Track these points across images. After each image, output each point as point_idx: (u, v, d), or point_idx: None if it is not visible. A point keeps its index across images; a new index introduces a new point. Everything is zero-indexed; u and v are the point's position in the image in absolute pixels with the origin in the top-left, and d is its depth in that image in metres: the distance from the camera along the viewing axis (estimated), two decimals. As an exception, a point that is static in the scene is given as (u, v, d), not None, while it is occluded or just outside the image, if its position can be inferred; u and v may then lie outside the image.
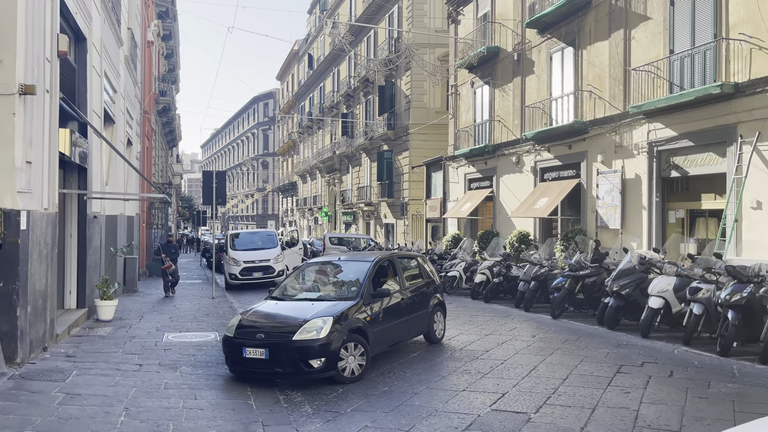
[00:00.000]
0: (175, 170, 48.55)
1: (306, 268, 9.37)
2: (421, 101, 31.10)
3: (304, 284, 9.02)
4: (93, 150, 12.30)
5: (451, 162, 26.55)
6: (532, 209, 19.55)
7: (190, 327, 11.44)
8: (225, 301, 15.89)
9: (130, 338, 10.16)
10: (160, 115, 31.22)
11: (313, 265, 9.42)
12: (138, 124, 21.27)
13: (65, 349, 9.05)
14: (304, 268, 9.39)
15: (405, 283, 9.18)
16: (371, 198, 36.44)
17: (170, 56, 35.77)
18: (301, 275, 9.27)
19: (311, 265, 9.43)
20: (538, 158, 20.66)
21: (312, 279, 9.08)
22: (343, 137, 41.06)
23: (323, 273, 9.12)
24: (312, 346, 7.32)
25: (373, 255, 9.23)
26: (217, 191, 16.26)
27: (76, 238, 11.66)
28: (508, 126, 22.50)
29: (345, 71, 41.55)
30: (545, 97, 20.13)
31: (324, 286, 8.89)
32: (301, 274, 9.30)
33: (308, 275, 9.23)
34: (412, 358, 8.83)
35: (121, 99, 16.80)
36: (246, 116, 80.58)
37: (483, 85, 24.29)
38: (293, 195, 59.85)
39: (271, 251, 20.26)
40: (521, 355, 8.88)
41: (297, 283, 9.09)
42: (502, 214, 22.85)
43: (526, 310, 13.72)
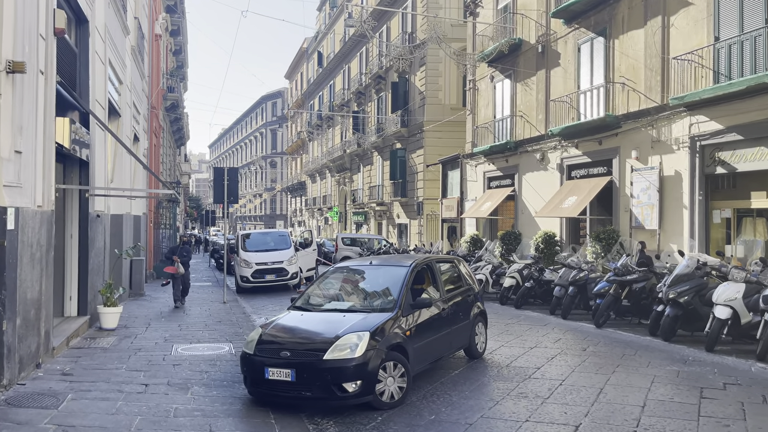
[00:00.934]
0: (183, 169, 47.56)
1: (332, 274, 8.20)
2: (436, 97, 29.96)
3: (331, 293, 7.86)
4: (96, 143, 11.22)
5: (469, 160, 25.39)
6: (560, 209, 18.37)
7: (202, 337, 10.34)
8: (237, 306, 14.80)
9: (136, 351, 9.06)
10: (168, 112, 30.19)
11: (340, 271, 8.24)
12: (145, 119, 20.23)
13: (62, 365, 7.96)
14: (329, 274, 8.22)
15: (444, 291, 8.04)
16: (383, 198, 35.31)
17: (178, 53, 34.77)
18: (327, 282, 8.10)
19: (338, 270, 8.26)
20: (565, 155, 19.48)
21: (340, 287, 7.92)
22: (354, 135, 39.95)
23: (353, 280, 7.96)
24: (346, 367, 6.19)
25: (408, 259, 8.10)
26: (229, 189, 15.16)
27: (77, 239, 10.58)
28: (531, 121, 21.33)
29: (356, 68, 40.44)
30: (572, 91, 18.94)
31: (355, 295, 7.73)
32: (327, 280, 8.14)
33: (335, 282, 8.06)
34: (455, 377, 7.69)
35: (128, 91, 15.74)
36: (254, 115, 79.57)
37: (504, 80, 23.11)
38: (302, 195, 58.78)
39: (285, 252, 19.15)
40: (579, 374, 7.72)
41: (323, 291, 7.93)
42: (524, 214, 21.68)
43: (563, 317, 12.56)
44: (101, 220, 11.76)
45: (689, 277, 9.88)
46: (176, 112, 30.83)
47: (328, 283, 8.07)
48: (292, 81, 62.77)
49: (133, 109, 16.86)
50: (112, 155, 14.65)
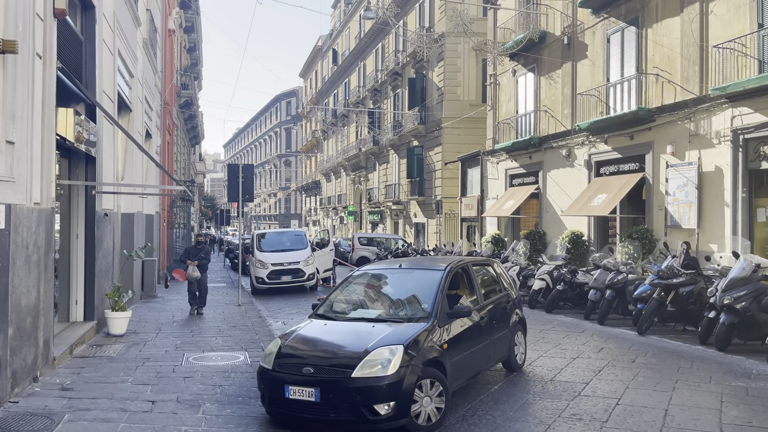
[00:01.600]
0: (198, 169, 47.06)
1: (357, 279, 7.35)
2: (454, 93, 29.07)
3: (357, 299, 7.03)
4: (103, 137, 10.52)
5: (490, 157, 24.48)
6: (588, 207, 17.44)
7: (215, 344, 9.58)
8: (252, 309, 14.06)
9: (144, 360, 8.32)
10: (183, 110, 29.58)
11: (366, 275, 7.39)
12: (158, 115, 19.57)
13: (62, 377, 7.23)
14: (354, 278, 7.37)
15: (482, 297, 7.20)
16: (400, 196, 34.48)
17: (192, 50, 34.18)
18: (352, 287, 7.26)
19: (364, 274, 7.41)
20: (593, 151, 18.53)
21: (366, 293, 7.09)
22: (369, 134, 39.16)
23: (381, 285, 7.13)
24: (378, 386, 5.39)
25: (440, 261, 7.27)
26: (244, 186, 14.42)
27: (84, 240, 9.88)
28: (556, 116, 20.39)
29: (371, 65, 39.64)
30: (601, 84, 17.99)
31: (384, 302, 6.89)
32: (351, 285, 7.30)
33: (361, 288, 7.20)
34: (495, 394, 6.86)
35: (139, 86, 15.06)
36: (269, 115, 79.07)
37: (526, 73, 22.19)
38: (317, 194, 58.12)
39: (301, 253, 18.38)
40: (636, 391, 6.85)
41: (348, 297, 7.11)
42: (549, 213, 20.75)
43: (600, 323, 11.66)
44: (109, 219, 11.06)
45: (746, 281, 8.96)
46: (190, 109, 30.21)
47: (353, 288, 7.23)
48: (307, 79, 62.12)
49: (145, 104, 16.19)
50: (122, 152, 13.97)
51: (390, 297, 6.90)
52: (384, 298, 6.91)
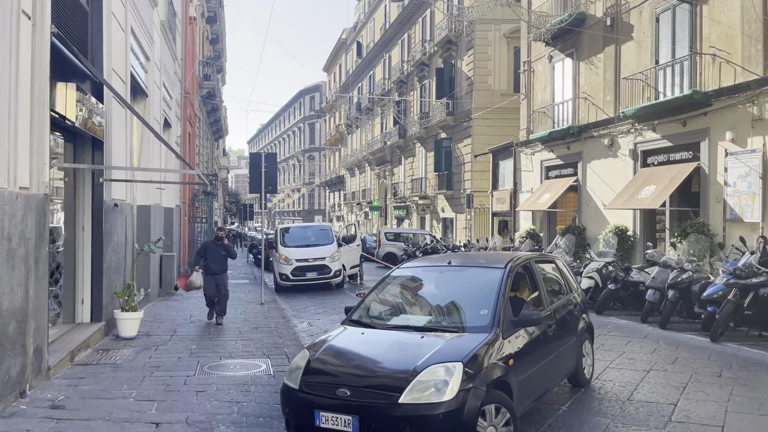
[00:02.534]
0: (222, 164, 46.36)
1: (398, 278, 6.12)
2: (485, 83, 27.72)
3: (398, 302, 5.83)
4: (113, 120, 9.51)
5: (524, 148, 23.12)
6: (635, 200, 16.03)
7: (234, 350, 8.51)
8: (276, 308, 13.00)
9: (153, 369, 7.27)
10: (205, 101, 28.72)
11: (408, 273, 6.16)
12: (178, 105, 18.63)
13: (56, 391, 6.20)
14: (394, 277, 6.16)
15: (548, 301, 5.98)
16: (427, 191, 33.25)
17: (215, 42, 33.32)
18: (392, 288, 6.05)
19: (406, 272, 6.16)
20: (639, 139, 17.10)
21: (410, 295, 5.90)
22: (395, 126, 37.96)
23: (427, 286, 5.91)
24: (432, 415, 4.22)
25: (499, 258, 6.06)
26: (267, 177, 13.36)
27: (90, 232, 8.88)
28: (597, 104, 18.98)
29: (397, 56, 38.40)
30: (648, 67, 16.55)
31: (432, 307, 5.66)
32: (391, 285, 6.08)
33: (404, 288, 5.98)
34: (565, 417, 5.65)
35: (156, 70, 14.08)
36: (292, 110, 78.33)
37: (564, 59, 20.78)
38: (340, 189, 57.12)
39: (327, 248, 17.29)
40: (739, 416, 5.59)
41: (388, 299, 5.92)
42: (589, 206, 19.36)
43: (662, 327, 10.34)
44: (121, 211, 10.07)
45: None
46: (213, 101, 29.34)
47: (394, 289, 6.03)
48: (331, 73, 61.10)
49: (163, 90, 15.22)
50: (137, 141, 13.01)
51: (440, 301, 5.67)
52: (432, 303, 5.69)
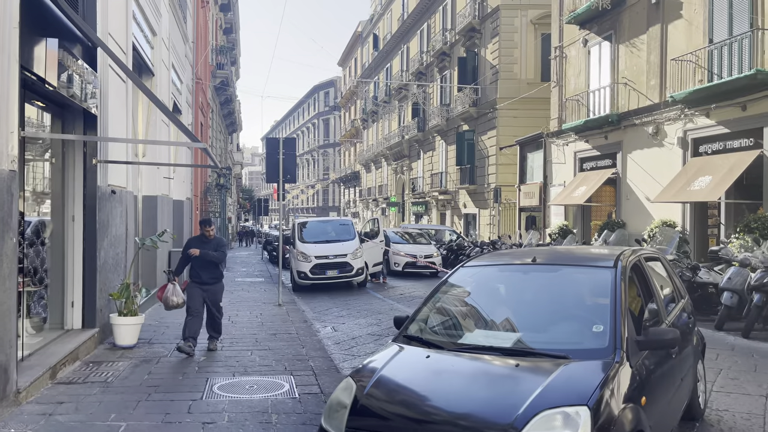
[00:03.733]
0: (236, 159, 45.14)
1: (464, 279, 4.57)
2: (510, 71, 26.11)
3: (469, 313, 4.35)
4: (110, 93, 8.12)
5: (555, 139, 21.54)
6: (687, 192, 14.44)
7: (250, 363, 7.08)
8: (296, 310, 11.58)
9: (151, 390, 5.86)
10: (218, 92, 27.39)
11: (478, 274, 4.64)
12: (189, 91, 17.28)
13: (21, 424, 4.78)
14: (460, 278, 4.61)
15: (664, 311, 4.47)
16: (447, 185, 31.71)
17: (229, 32, 32.03)
18: (456, 293, 4.53)
19: (474, 272, 4.64)
20: (690, 126, 15.49)
21: (484, 302, 4.38)
22: (413, 120, 36.43)
23: (507, 291, 4.41)
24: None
25: (599, 253, 4.57)
26: (285, 164, 11.94)
27: (82, 223, 7.51)
28: (639, 89, 17.37)
29: (416, 47, 36.86)
30: (700, 46, 14.93)
31: (517, 319, 4.10)
32: (455, 290, 4.56)
33: (475, 295, 4.48)
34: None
35: (164, 48, 12.72)
36: (306, 106, 77.03)
37: (601, 42, 19.17)
38: (356, 185, 55.69)
39: (348, 244, 15.85)
40: None
41: (453, 307, 4.42)
42: (630, 200, 17.76)
43: (745, 336, 8.79)
44: (120, 199, 8.69)
45: None
46: (226, 92, 28.02)
47: (461, 294, 4.52)
48: (346, 68, 59.63)
49: (172, 72, 13.86)
50: (143, 124, 11.66)
51: (529, 312, 4.15)
52: (519, 314, 4.15)
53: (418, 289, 15.80)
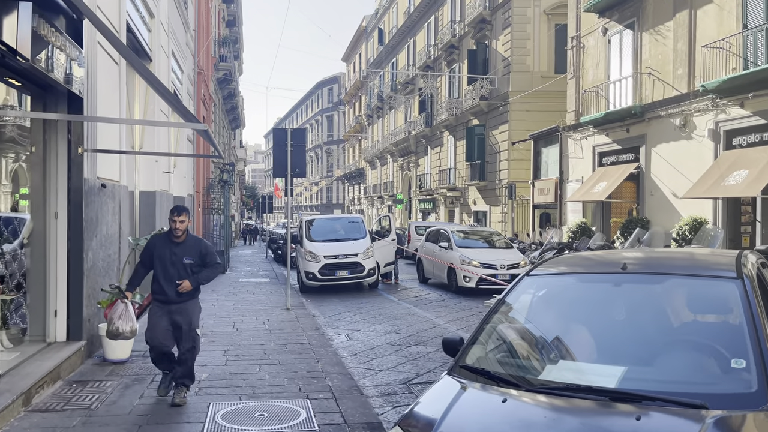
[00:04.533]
0: (239, 156, 44.16)
1: (533, 294, 3.55)
2: (523, 63, 25.09)
3: (547, 337, 3.31)
4: (99, 74, 7.15)
5: (572, 132, 20.53)
6: (722, 187, 13.44)
7: (259, 382, 6.11)
8: (305, 315, 10.61)
9: (142, 420, 4.88)
10: (221, 86, 26.41)
11: (550, 287, 3.61)
12: (191, 81, 16.30)
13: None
14: (527, 293, 3.58)
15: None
16: (456, 182, 30.72)
17: (232, 24, 31.05)
18: (527, 311, 3.51)
19: (545, 285, 3.54)
20: (722, 117, 14.48)
21: (564, 322, 3.34)
22: (420, 115, 35.42)
23: (594, 308, 3.40)
24: None
25: (708, 258, 3.59)
26: (294, 158, 10.96)
27: (66, 221, 6.54)
28: (665, 79, 16.35)
29: (423, 41, 35.82)
30: (733, 32, 13.92)
31: (616, 347, 3.01)
32: (525, 307, 3.53)
33: (549, 311, 3.43)
34: None
35: (163, 33, 11.74)
36: (310, 103, 76.02)
37: (622, 31, 18.16)
38: (360, 182, 54.69)
39: (359, 243, 14.87)
40: None
41: (523, 328, 3.39)
42: (654, 196, 16.75)
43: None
44: (112, 194, 7.72)
45: None
46: (229, 85, 27.04)
47: (529, 312, 3.50)
48: (350, 63, 58.57)
49: (171, 59, 12.88)
50: (140, 113, 10.69)
51: (629, 337, 3.15)
52: (615, 340, 3.14)
53: (433, 290, 14.82)
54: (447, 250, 14.87)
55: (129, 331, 5.68)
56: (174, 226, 5.41)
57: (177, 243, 5.47)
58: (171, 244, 5.48)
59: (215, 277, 5.77)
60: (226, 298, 12.73)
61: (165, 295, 5.44)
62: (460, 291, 13.81)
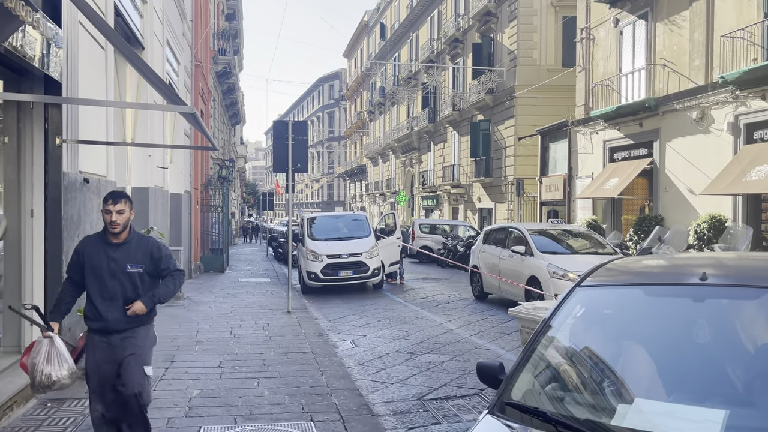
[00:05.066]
0: (239, 152, 43.51)
1: (589, 310, 2.85)
2: (530, 57, 24.39)
3: (612, 366, 2.64)
4: (80, 57, 6.48)
5: (582, 127, 19.84)
6: (743, 183, 12.77)
7: (257, 400, 5.46)
8: (308, 319, 9.96)
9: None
10: (220, 80, 25.72)
11: (610, 301, 2.89)
12: (188, 74, 15.63)
13: None
14: (581, 308, 2.86)
15: None
16: (460, 178, 30.05)
17: (231, 18, 30.36)
18: (584, 331, 2.82)
19: (602, 299, 2.89)
20: (742, 110, 13.79)
21: (635, 347, 2.66)
22: (423, 110, 34.72)
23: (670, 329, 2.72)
24: None
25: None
26: (295, 152, 10.30)
27: (44, 220, 5.88)
28: (680, 71, 15.66)
29: (426, 35, 35.11)
30: (753, 20, 13.23)
31: (706, 379, 2.38)
32: (579, 325, 2.83)
33: (613, 332, 2.71)
34: None
35: (157, 20, 11.06)
36: (311, 99, 75.30)
37: (635, 21, 17.46)
38: (362, 179, 54.01)
39: (363, 242, 14.21)
40: None
41: (578, 355, 2.74)
42: (669, 192, 16.08)
43: None
44: (96, 190, 7.05)
45: None
46: (229, 80, 26.36)
47: (586, 334, 2.81)
48: (351, 59, 57.83)
49: (166, 49, 12.21)
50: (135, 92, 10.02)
51: (722, 368, 2.46)
52: (705, 372, 2.44)
53: (441, 291, 14.17)
54: (524, 258, 10.86)
55: (67, 376, 3.78)
56: (109, 218, 3.80)
57: (115, 245, 3.90)
58: (107, 246, 3.90)
59: (177, 291, 4.13)
60: (224, 299, 12.08)
61: (103, 320, 3.87)
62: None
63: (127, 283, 3.90)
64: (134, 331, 3.93)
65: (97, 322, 3.91)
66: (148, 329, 4.05)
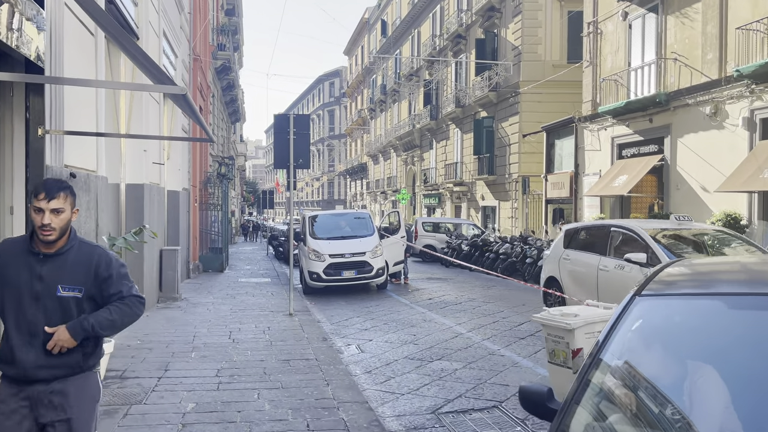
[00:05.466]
0: (239, 150, 43.01)
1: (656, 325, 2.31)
2: (534, 53, 23.89)
3: (697, 394, 2.22)
4: (65, 40, 5.99)
5: (589, 123, 19.35)
6: (761, 180, 12.29)
7: (257, 414, 4.96)
8: (310, 322, 9.46)
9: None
10: (220, 76, 25.21)
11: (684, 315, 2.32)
12: (186, 68, 15.11)
13: None
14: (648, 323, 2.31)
15: None
16: (463, 176, 29.55)
17: (231, 13, 29.83)
18: (657, 351, 2.29)
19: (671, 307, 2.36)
20: (759, 105, 13.30)
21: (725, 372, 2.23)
22: (425, 108, 34.21)
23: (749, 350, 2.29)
24: None
25: None
26: (297, 147, 9.80)
27: (24, 218, 5.39)
28: (692, 65, 15.16)
29: (428, 31, 34.59)
30: (771, 12, 12.75)
31: None
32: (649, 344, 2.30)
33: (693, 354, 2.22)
34: None
35: (153, 9, 10.54)
36: (311, 97, 74.77)
37: (645, 14, 16.95)
38: (363, 177, 53.51)
39: (367, 241, 13.72)
40: None
41: (651, 381, 2.25)
42: (680, 190, 15.59)
43: None
44: (85, 186, 6.55)
45: None
46: (228, 76, 25.84)
47: (660, 354, 2.28)
48: (352, 56, 57.30)
49: (162, 40, 11.69)
50: (126, 99, 9.52)
51: None
52: None
53: (447, 291, 13.68)
54: (642, 270, 7.31)
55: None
56: (39, 220, 2.58)
57: (45, 256, 2.65)
58: (32, 258, 2.65)
59: (130, 322, 2.78)
60: (223, 301, 11.59)
61: (20, 366, 2.60)
62: None
63: (55, 311, 2.62)
64: (65, 382, 2.62)
65: (11, 367, 2.60)
66: (87, 379, 2.70)
